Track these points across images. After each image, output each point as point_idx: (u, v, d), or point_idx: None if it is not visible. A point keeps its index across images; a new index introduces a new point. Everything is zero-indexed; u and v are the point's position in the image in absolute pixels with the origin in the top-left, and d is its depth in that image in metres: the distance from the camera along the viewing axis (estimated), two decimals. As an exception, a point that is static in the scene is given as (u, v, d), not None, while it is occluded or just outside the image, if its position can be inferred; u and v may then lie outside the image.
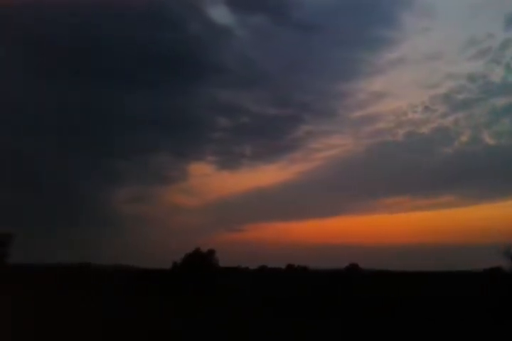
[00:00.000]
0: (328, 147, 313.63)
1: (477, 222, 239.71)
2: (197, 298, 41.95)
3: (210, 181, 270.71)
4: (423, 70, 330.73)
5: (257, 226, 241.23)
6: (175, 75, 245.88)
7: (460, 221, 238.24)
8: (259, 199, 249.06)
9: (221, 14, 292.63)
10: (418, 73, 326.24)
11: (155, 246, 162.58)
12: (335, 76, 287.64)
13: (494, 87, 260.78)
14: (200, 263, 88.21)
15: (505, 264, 42.18)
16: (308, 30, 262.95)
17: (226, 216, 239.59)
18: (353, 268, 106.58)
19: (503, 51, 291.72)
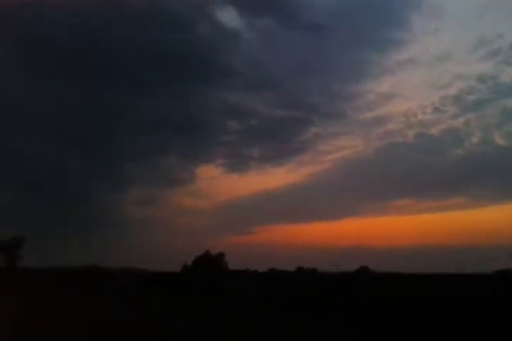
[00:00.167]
0: (337, 149, 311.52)
1: (487, 224, 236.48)
2: (198, 298, 42.12)
3: (219, 183, 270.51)
4: (433, 71, 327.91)
5: (266, 229, 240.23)
6: (184, 78, 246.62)
7: (470, 223, 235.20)
8: (268, 202, 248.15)
9: (230, 17, 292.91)
10: (428, 74, 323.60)
11: (164, 248, 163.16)
12: (344, 77, 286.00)
13: (504, 88, 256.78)
14: (209, 266, 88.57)
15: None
16: (316, 31, 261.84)
17: (235, 218, 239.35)
18: (363, 271, 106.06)
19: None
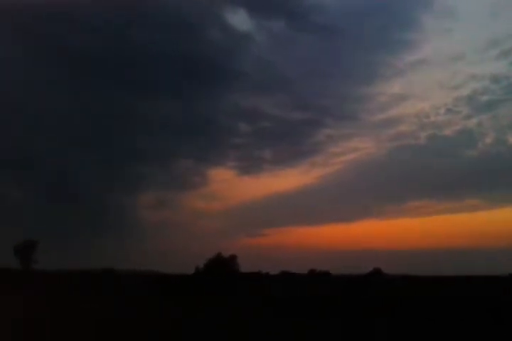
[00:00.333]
0: (349, 151, 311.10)
1: (502, 225, 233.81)
2: (208, 299, 42.36)
3: (231, 186, 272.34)
4: (445, 72, 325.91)
5: (278, 231, 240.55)
6: (196, 81, 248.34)
7: (485, 224, 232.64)
8: (280, 204, 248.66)
9: (240, 20, 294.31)
10: (440, 75, 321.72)
11: (177, 250, 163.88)
12: (356, 79, 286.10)
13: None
14: (221, 269, 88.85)
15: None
16: (328, 33, 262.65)
17: (247, 221, 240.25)
18: (377, 273, 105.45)
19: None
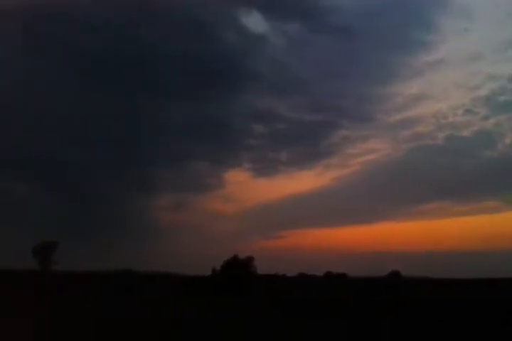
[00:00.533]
0: (365, 152, 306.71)
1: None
2: (225, 300, 42.58)
3: (247, 188, 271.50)
4: (463, 72, 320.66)
5: (294, 233, 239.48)
6: (211, 83, 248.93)
7: (504, 226, 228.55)
8: (297, 206, 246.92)
9: (255, 22, 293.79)
10: (458, 75, 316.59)
11: (193, 252, 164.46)
12: (372, 80, 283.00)
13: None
14: (238, 270, 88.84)
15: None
16: (344, 34, 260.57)
17: (263, 223, 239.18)
18: (395, 276, 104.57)
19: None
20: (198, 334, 21.05)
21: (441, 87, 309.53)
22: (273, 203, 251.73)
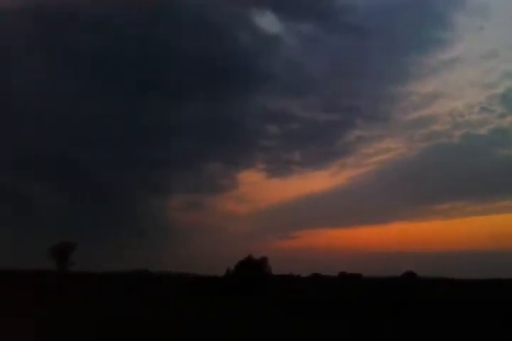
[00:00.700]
0: (380, 151, 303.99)
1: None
2: (238, 300, 42.98)
3: (261, 188, 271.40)
4: (479, 70, 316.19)
5: (309, 233, 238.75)
6: (225, 84, 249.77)
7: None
8: (311, 206, 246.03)
9: (269, 22, 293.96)
10: (474, 73, 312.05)
11: (208, 253, 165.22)
12: (387, 79, 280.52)
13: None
14: (252, 271, 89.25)
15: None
16: (358, 34, 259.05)
17: (278, 223, 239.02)
18: (409, 276, 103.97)
19: None
20: (198, 334, 21.40)
21: (456, 85, 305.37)
22: (287, 203, 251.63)
